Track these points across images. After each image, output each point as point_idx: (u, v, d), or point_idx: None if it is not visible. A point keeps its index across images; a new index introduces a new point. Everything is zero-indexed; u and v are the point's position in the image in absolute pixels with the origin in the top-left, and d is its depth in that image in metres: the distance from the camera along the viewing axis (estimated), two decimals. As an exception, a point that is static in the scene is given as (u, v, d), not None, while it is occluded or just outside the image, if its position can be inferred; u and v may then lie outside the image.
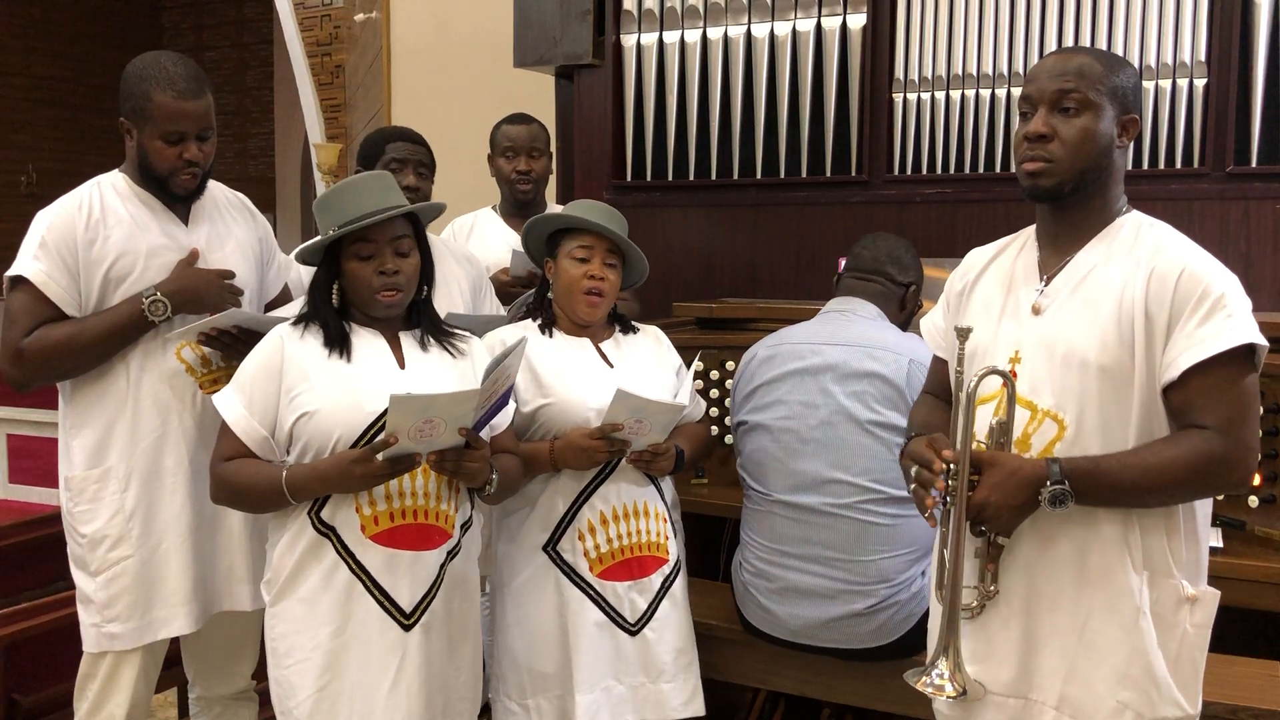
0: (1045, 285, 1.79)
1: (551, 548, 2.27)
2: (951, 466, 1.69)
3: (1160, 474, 1.65)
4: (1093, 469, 1.66)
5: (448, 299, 2.68)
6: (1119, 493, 1.67)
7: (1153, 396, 1.69)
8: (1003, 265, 1.90)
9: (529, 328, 2.38)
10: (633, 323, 2.48)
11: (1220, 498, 2.60)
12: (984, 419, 1.77)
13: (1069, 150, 1.73)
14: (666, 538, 2.34)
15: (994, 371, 1.72)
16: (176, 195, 2.35)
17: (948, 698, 1.70)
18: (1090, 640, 1.72)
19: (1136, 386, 1.69)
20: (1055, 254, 1.81)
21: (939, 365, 2.03)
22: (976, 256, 1.97)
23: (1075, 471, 1.66)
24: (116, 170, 2.39)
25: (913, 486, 1.82)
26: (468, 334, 2.22)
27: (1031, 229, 1.90)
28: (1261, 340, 1.67)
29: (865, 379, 2.39)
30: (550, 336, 2.36)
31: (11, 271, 2.27)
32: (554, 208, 3.36)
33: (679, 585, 2.36)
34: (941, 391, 2.02)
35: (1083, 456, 1.68)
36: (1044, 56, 1.81)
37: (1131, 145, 1.87)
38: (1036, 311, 1.78)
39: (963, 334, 1.73)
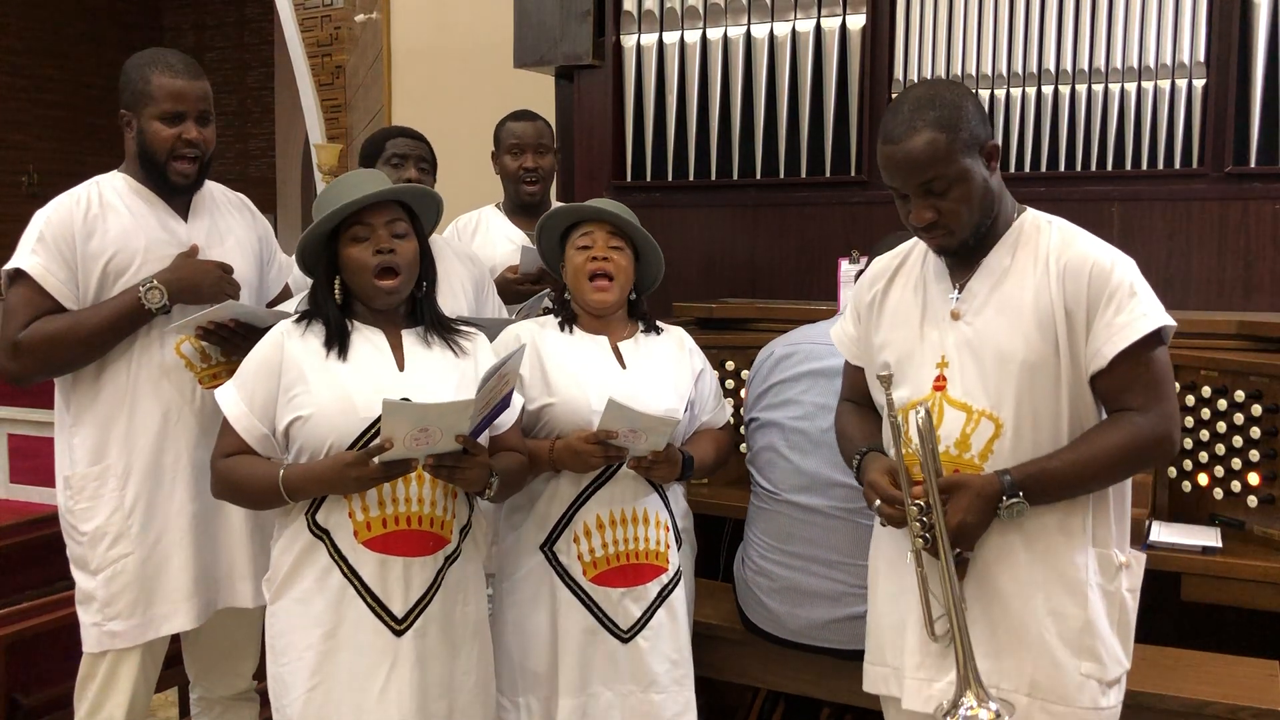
0: (959, 291, 1.86)
1: (548, 548, 2.25)
2: (922, 503, 1.78)
3: (1103, 461, 1.76)
4: (1039, 473, 1.76)
5: (451, 298, 2.67)
6: (1069, 488, 1.78)
7: (1079, 386, 1.80)
8: (911, 272, 1.96)
9: (549, 323, 2.36)
10: (658, 323, 2.44)
11: (1219, 497, 2.61)
12: (909, 422, 1.85)
13: (959, 219, 1.80)
14: (667, 546, 2.30)
15: (924, 411, 1.80)
16: (176, 185, 2.35)
17: None
18: (1051, 622, 1.79)
19: (1063, 378, 1.78)
20: (962, 260, 1.87)
21: (854, 373, 2.09)
22: (882, 264, 2.03)
23: (1025, 480, 1.76)
24: (115, 170, 2.40)
25: (882, 522, 1.90)
26: (474, 331, 2.20)
27: None
28: (1170, 320, 1.79)
29: None
30: (571, 333, 2.34)
31: (9, 265, 2.27)
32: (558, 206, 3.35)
33: (678, 596, 2.31)
34: (859, 398, 2.09)
35: (1028, 462, 1.77)
36: (884, 135, 1.81)
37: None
38: (956, 317, 1.85)
39: (886, 380, 1.83)
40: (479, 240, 3.30)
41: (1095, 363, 1.77)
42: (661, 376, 2.32)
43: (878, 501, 1.86)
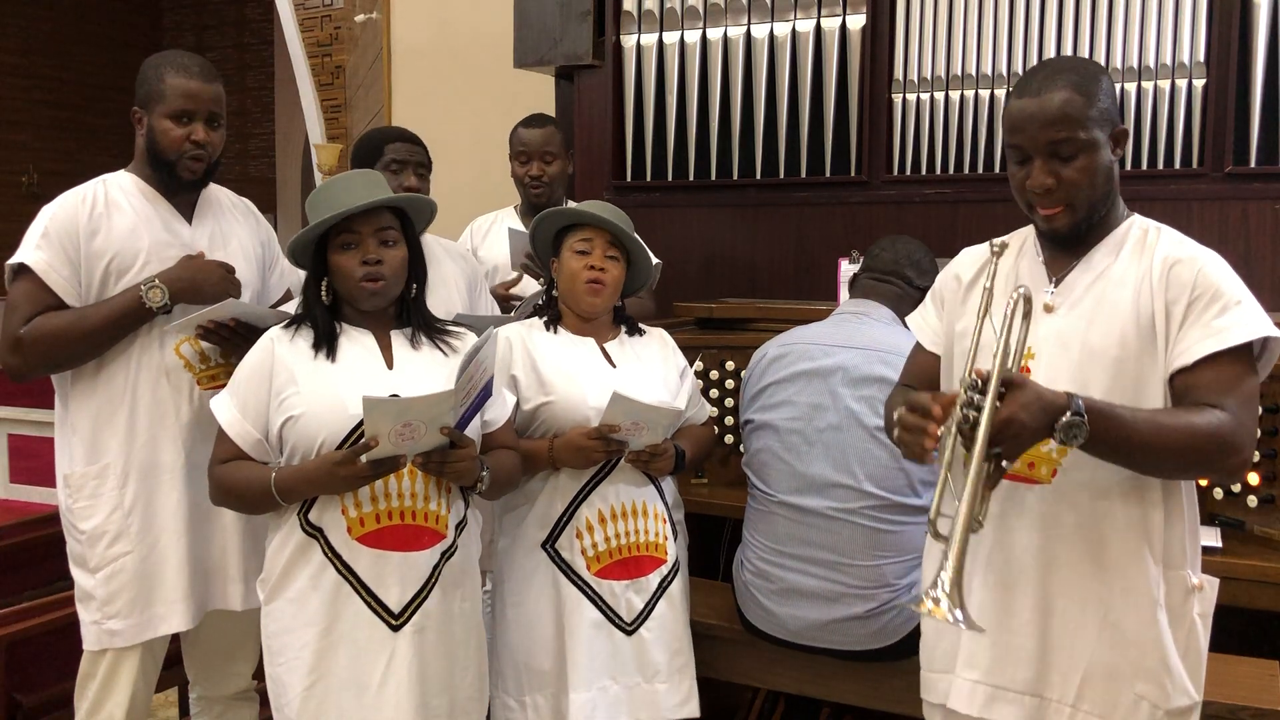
0: (1055, 286, 1.81)
1: (550, 545, 2.27)
2: (978, 382, 1.61)
3: (1175, 436, 1.62)
4: (1109, 411, 1.62)
5: (445, 297, 2.68)
6: (1129, 443, 1.62)
7: (1164, 391, 1.72)
8: (1003, 265, 1.90)
9: (535, 325, 2.39)
10: (639, 325, 2.48)
11: (1219, 497, 2.61)
12: (984, 360, 1.69)
13: (1079, 191, 1.74)
14: (666, 538, 2.34)
15: (1024, 297, 1.70)
16: (182, 182, 2.36)
17: (944, 619, 1.52)
18: (1109, 635, 1.73)
19: (1158, 379, 1.72)
20: (1062, 257, 1.83)
21: (923, 357, 2.00)
22: (972, 254, 1.97)
23: (1093, 410, 1.60)
24: (123, 170, 2.41)
25: (897, 433, 1.70)
26: (462, 331, 2.21)
27: (1028, 231, 1.90)
28: (1276, 332, 1.69)
29: (875, 384, 2.38)
30: (555, 334, 2.37)
31: (13, 260, 2.27)
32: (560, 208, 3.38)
33: (677, 586, 2.36)
34: (922, 386, 1.98)
35: (1101, 400, 1.65)
36: (1020, 90, 1.77)
37: (1129, 145, 1.84)
38: (1049, 310, 1.80)
39: (997, 249, 1.76)
40: (491, 241, 3.33)
41: (1181, 359, 1.68)
42: (651, 373, 2.37)
43: (897, 413, 1.69)
